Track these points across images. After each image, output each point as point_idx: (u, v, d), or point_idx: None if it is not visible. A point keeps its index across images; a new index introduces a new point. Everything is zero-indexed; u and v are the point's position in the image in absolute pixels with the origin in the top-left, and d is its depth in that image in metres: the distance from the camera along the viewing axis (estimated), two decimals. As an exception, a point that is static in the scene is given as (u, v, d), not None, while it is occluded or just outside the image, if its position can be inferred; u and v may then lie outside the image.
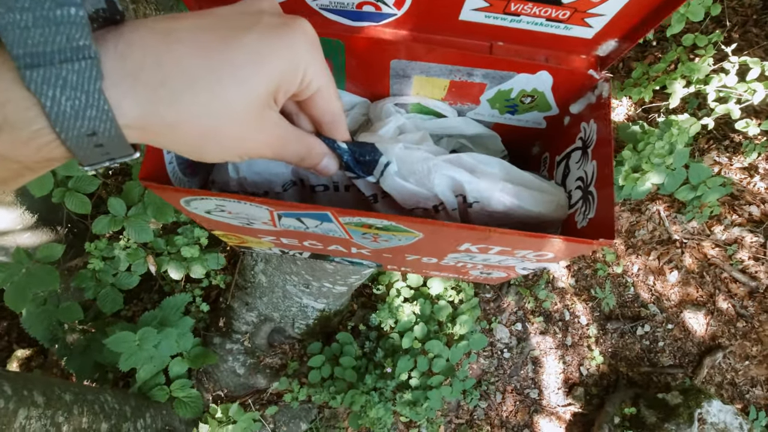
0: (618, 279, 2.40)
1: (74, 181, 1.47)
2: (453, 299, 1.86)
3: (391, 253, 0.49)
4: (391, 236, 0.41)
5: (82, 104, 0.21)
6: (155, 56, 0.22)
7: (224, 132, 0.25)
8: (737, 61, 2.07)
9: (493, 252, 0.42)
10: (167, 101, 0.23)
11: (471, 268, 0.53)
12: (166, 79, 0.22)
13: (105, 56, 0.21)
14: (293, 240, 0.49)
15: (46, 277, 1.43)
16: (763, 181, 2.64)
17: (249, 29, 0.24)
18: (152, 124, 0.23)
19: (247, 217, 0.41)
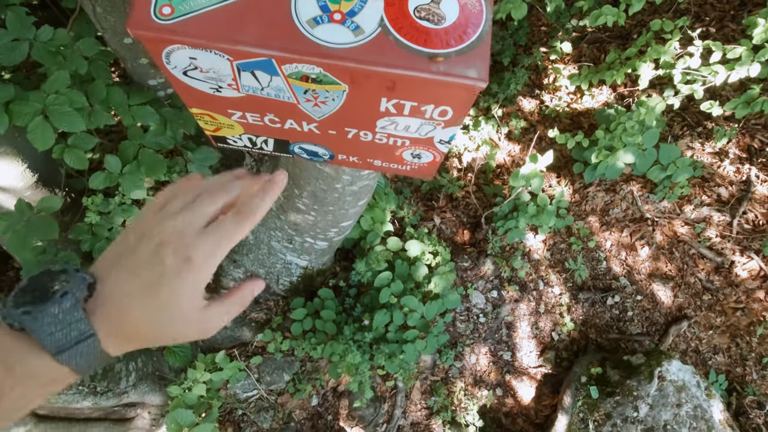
0: (591, 253, 2.52)
1: (73, 138, 1.58)
2: (430, 262, 1.97)
3: (335, 127, 0.60)
4: (325, 92, 0.52)
5: (91, 359, 0.36)
6: (121, 325, 0.37)
7: (171, 341, 0.40)
8: (701, 44, 2.20)
9: (406, 112, 0.54)
10: (133, 345, 0.38)
11: (401, 148, 0.64)
12: (129, 337, 0.37)
13: (98, 329, 0.36)
14: (256, 115, 0.60)
15: (46, 227, 1.54)
16: (732, 164, 2.77)
17: (159, 283, 0.37)
18: (125, 350, 0.39)
19: (215, 78, 0.52)
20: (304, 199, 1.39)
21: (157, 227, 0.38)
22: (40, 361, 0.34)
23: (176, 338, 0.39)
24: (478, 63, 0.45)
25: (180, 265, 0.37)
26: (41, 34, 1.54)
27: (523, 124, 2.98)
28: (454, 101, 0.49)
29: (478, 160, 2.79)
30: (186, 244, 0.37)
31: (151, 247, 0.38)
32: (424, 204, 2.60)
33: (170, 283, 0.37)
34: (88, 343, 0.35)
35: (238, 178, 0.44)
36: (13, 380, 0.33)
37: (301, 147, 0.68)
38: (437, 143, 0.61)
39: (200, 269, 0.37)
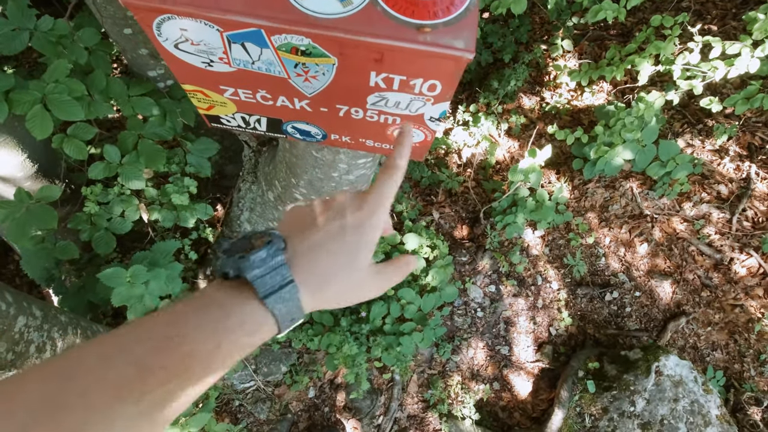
0: (590, 249, 2.52)
1: (73, 129, 1.58)
2: (428, 256, 1.97)
3: (326, 104, 0.61)
4: (315, 66, 0.52)
5: (291, 307, 0.39)
6: (311, 272, 0.41)
7: (355, 297, 0.44)
8: (701, 40, 2.20)
9: (396, 86, 0.54)
10: (323, 298, 0.41)
11: (393, 126, 0.65)
12: (320, 286, 0.41)
13: (296, 276, 0.40)
14: (248, 92, 0.61)
15: (45, 216, 1.54)
16: (732, 162, 2.77)
17: (342, 233, 0.42)
18: (316, 306, 0.41)
19: (206, 51, 0.53)
20: (301, 188, 1.39)
21: (327, 199, 0.46)
22: (249, 307, 0.38)
23: (360, 289, 0.43)
24: (465, 34, 0.46)
25: (357, 217, 0.43)
26: (41, 23, 1.55)
27: (522, 121, 2.98)
28: (442, 74, 0.50)
29: (477, 156, 2.79)
30: (359, 201, 0.44)
31: (330, 208, 0.44)
32: (423, 199, 2.60)
33: (352, 232, 0.42)
34: (288, 289, 0.39)
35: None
36: (228, 325, 0.37)
37: (294, 126, 0.68)
38: (428, 121, 0.61)
39: (372, 220, 0.43)
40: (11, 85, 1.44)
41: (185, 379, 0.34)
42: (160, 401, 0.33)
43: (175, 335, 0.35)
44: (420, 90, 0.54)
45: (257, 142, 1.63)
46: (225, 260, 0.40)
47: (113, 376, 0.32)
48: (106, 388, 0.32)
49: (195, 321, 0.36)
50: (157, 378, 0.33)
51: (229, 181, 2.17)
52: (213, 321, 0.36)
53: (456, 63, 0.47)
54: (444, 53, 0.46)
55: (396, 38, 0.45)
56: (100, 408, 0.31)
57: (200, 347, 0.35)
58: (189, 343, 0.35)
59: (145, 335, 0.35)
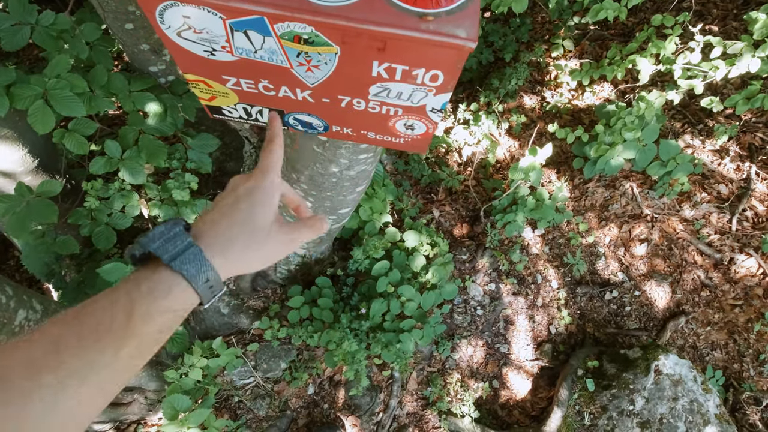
0: (590, 248, 2.52)
1: (74, 124, 1.58)
2: (428, 253, 1.97)
3: (328, 94, 0.61)
4: (317, 55, 0.52)
5: (199, 267, 0.42)
6: (214, 237, 0.45)
7: (265, 256, 0.48)
8: (702, 40, 2.20)
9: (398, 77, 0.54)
10: (232, 258, 0.45)
11: (394, 118, 0.65)
12: (224, 247, 0.45)
13: (198, 242, 0.43)
14: (251, 82, 0.61)
15: (46, 211, 1.54)
16: (732, 162, 2.77)
17: (237, 202, 0.47)
18: (230, 269, 0.45)
19: (209, 39, 0.53)
20: (302, 183, 1.39)
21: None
22: (158, 274, 0.41)
23: (266, 245, 0.47)
24: (467, 23, 0.46)
25: (247, 186, 0.48)
26: (43, 18, 1.55)
27: (523, 120, 2.98)
28: (444, 63, 0.50)
29: (477, 155, 2.79)
30: (248, 175, 0.50)
31: (227, 191, 0.50)
32: (423, 197, 2.60)
33: (244, 199, 0.47)
34: (192, 251, 0.42)
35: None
36: (137, 294, 0.39)
37: (296, 118, 0.68)
38: (429, 112, 0.61)
39: (261, 183, 0.49)
40: (12, 79, 1.44)
41: (101, 348, 0.36)
42: (78, 372, 0.35)
43: (84, 313, 0.37)
44: (422, 80, 0.54)
45: (258, 138, 1.63)
46: (130, 246, 0.44)
47: (30, 353, 0.34)
48: (23, 363, 0.34)
49: (104, 299, 0.39)
50: (70, 349, 0.35)
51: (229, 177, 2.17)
52: (122, 293, 0.39)
53: (458, 52, 0.47)
54: (446, 42, 0.46)
55: (399, 26, 0.45)
56: (17, 382, 0.33)
57: (110, 317, 0.37)
58: (97, 316, 0.37)
59: (59, 319, 0.37)
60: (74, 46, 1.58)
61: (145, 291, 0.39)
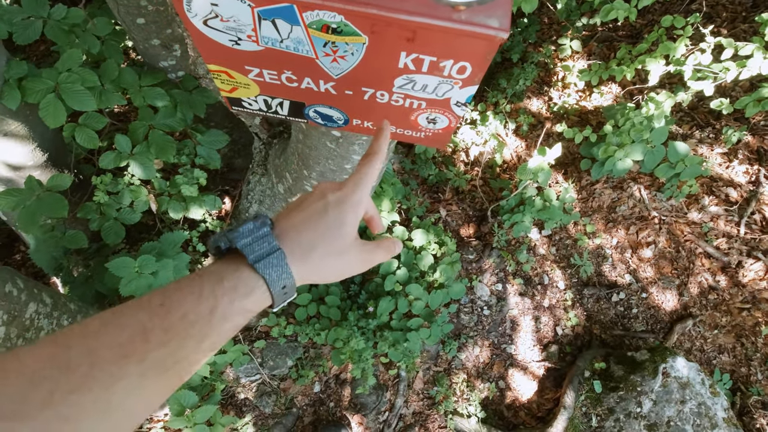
0: (597, 250, 2.51)
1: (84, 118, 1.58)
2: (436, 252, 1.97)
3: (352, 86, 0.60)
4: (345, 45, 0.52)
5: (280, 273, 0.42)
6: (297, 242, 0.44)
7: (341, 269, 0.48)
8: (713, 41, 2.19)
9: (425, 68, 0.54)
10: (310, 266, 0.45)
11: (417, 111, 0.64)
12: (305, 253, 0.44)
13: (283, 246, 0.43)
14: (273, 73, 0.60)
15: (56, 204, 1.54)
16: (741, 165, 2.76)
17: (324, 210, 0.46)
18: (305, 277, 0.45)
19: (235, 28, 0.52)
20: (312, 180, 1.39)
21: (313, 189, 0.50)
22: (241, 272, 0.41)
23: (343, 260, 0.47)
24: (499, 13, 0.45)
25: (337, 196, 0.47)
26: (55, 12, 1.55)
27: (530, 121, 2.97)
28: (473, 55, 0.49)
29: (485, 155, 2.78)
30: (339, 184, 0.49)
31: (316, 195, 0.48)
32: (430, 196, 2.59)
33: (333, 208, 0.47)
34: (276, 255, 0.42)
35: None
36: (221, 289, 0.39)
37: (317, 110, 0.68)
38: (454, 105, 0.61)
39: (351, 197, 0.48)
40: (24, 72, 1.44)
41: (184, 340, 0.36)
42: (162, 362, 0.35)
43: (171, 301, 0.37)
44: (449, 72, 0.53)
45: (268, 134, 1.63)
46: (217, 236, 0.44)
47: (116, 338, 0.34)
48: (111, 347, 0.33)
49: (189, 288, 0.38)
50: (158, 338, 0.35)
51: (238, 174, 2.17)
52: (207, 287, 0.39)
53: (489, 43, 0.47)
54: (478, 32, 0.45)
55: (430, 16, 0.45)
56: (105, 366, 0.32)
57: (195, 310, 0.37)
58: (184, 307, 0.37)
59: (144, 304, 0.37)
60: (85, 40, 1.58)
61: (229, 289, 0.40)
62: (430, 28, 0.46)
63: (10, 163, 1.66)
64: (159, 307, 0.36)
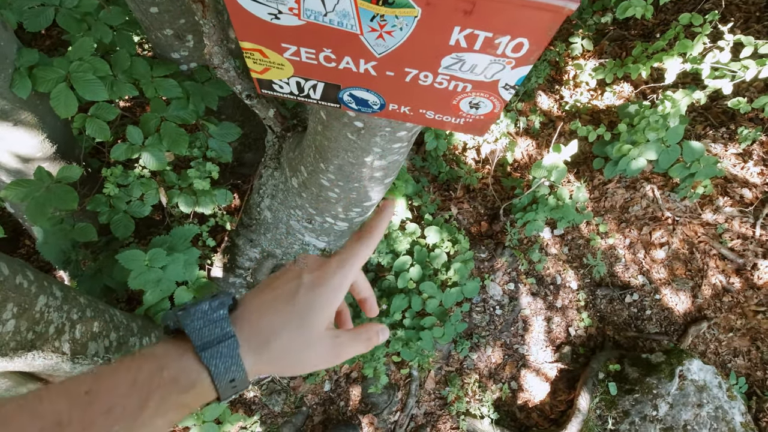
0: (610, 250, 2.47)
1: (95, 108, 1.55)
2: (449, 250, 1.93)
3: (394, 67, 0.57)
4: (394, 18, 0.48)
5: (229, 365, 0.36)
6: (257, 328, 0.39)
7: (304, 362, 0.41)
8: (732, 39, 2.15)
9: (477, 46, 0.50)
10: (267, 358, 0.39)
11: (461, 95, 0.61)
12: (262, 343, 0.39)
13: (237, 333, 0.38)
14: (311, 52, 0.57)
15: (65, 196, 1.51)
16: (756, 166, 2.72)
17: (295, 292, 0.40)
18: (261, 369, 0.39)
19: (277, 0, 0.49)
20: (329, 174, 1.36)
21: (295, 260, 0.45)
22: (185, 362, 0.36)
23: (309, 352, 0.40)
24: (569, -18, 0.42)
25: (315, 277, 0.42)
26: (67, 0, 1.52)
27: (542, 119, 2.94)
28: (534, 30, 0.46)
29: (496, 153, 2.75)
30: (321, 262, 0.43)
31: (292, 272, 0.43)
32: (441, 194, 2.56)
33: (306, 292, 0.41)
34: (228, 344, 0.37)
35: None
36: (159, 380, 0.35)
37: (352, 94, 0.65)
38: (501, 88, 0.57)
39: (331, 280, 0.42)
40: (35, 61, 1.41)
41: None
42: None
43: (99, 389, 0.33)
44: (503, 50, 0.50)
45: (282, 127, 1.59)
46: (167, 312, 0.39)
47: (26, 430, 0.31)
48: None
49: (124, 374, 0.34)
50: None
51: (248, 168, 2.14)
52: (143, 374, 0.35)
53: (555, 15, 0.43)
54: (547, 3, 0.42)
55: (496, -16, 0.42)
56: None
57: (123, 402, 0.33)
58: (111, 398, 0.33)
59: (70, 389, 0.33)
60: (98, 29, 1.55)
61: (168, 380, 0.35)
62: (494, -2, 0.42)
63: (19, 154, 1.63)
64: (83, 396, 0.33)
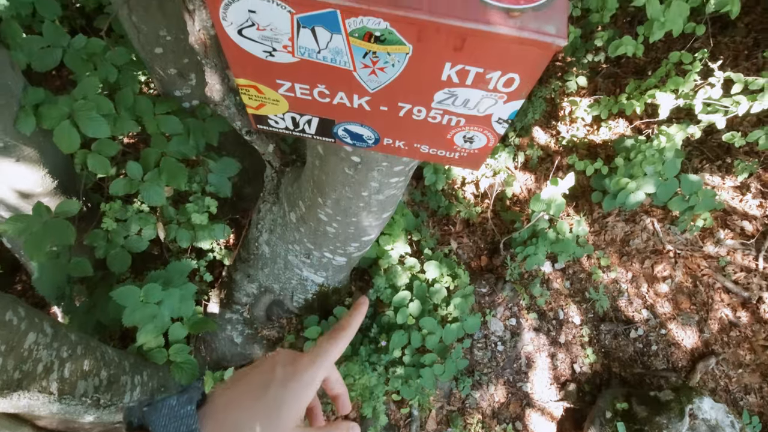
0: (612, 284, 2.44)
1: (98, 144, 1.57)
2: (449, 285, 1.91)
3: (388, 102, 0.58)
4: (386, 55, 0.49)
5: None
6: (222, 425, 0.38)
7: None
8: (722, 76, 2.20)
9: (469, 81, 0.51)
10: None
11: (455, 129, 0.61)
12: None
13: (204, 429, 0.37)
14: (306, 87, 0.58)
15: (63, 231, 1.51)
16: (755, 198, 2.73)
17: (266, 387, 0.39)
18: None
19: (271, 37, 0.50)
20: (327, 208, 1.36)
21: (268, 356, 0.44)
22: None
23: None
24: (556, 18, 0.43)
25: (286, 372, 0.41)
26: (75, 42, 1.57)
27: (539, 154, 2.97)
28: (524, 65, 0.47)
29: (495, 187, 2.76)
30: (293, 357, 0.43)
31: (265, 365, 0.42)
32: (441, 228, 2.56)
33: (277, 387, 0.40)
34: None
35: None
36: None
37: (346, 129, 0.65)
38: (495, 122, 0.58)
39: (302, 376, 0.41)
40: (41, 99, 1.44)
41: None
42: None
43: None
44: (495, 85, 0.50)
45: (281, 162, 1.61)
46: (132, 408, 0.39)
47: None
48: None
49: None
50: None
51: (247, 203, 2.15)
52: None
53: (544, 51, 0.44)
54: (535, 39, 0.43)
55: (484, 21, 0.42)
56: None
57: None
58: None
59: None
60: (103, 68, 1.59)
61: None
62: (483, 35, 0.43)
63: (20, 190, 1.64)
64: None
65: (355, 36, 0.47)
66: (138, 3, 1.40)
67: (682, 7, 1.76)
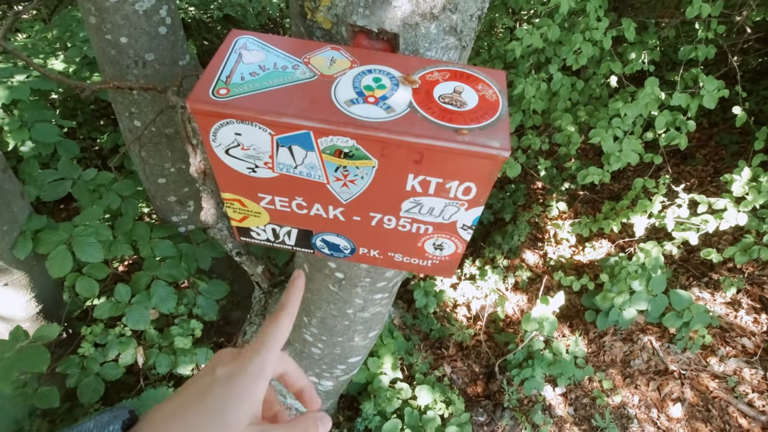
0: (618, 409, 2.29)
1: (89, 268, 1.60)
2: (442, 413, 1.79)
3: (360, 212, 0.62)
4: (355, 169, 0.55)
5: None
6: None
7: None
8: (687, 197, 2.36)
9: (431, 190, 0.56)
10: None
11: (424, 237, 0.65)
12: None
13: None
14: (285, 200, 0.63)
15: (37, 357, 1.45)
16: (748, 314, 2.71)
17: (208, 389, 0.35)
18: None
19: (254, 156, 0.56)
20: (312, 328, 1.34)
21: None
22: None
23: None
24: (500, 135, 0.50)
25: (229, 368, 0.37)
26: (86, 174, 1.70)
27: (528, 275, 3.02)
28: (478, 175, 0.53)
29: (486, 308, 2.74)
30: (236, 352, 0.39)
31: (204, 370, 0.38)
32: (433, 352, 2.47)
33: (220, 385, 0.36)
34: None
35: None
36: None
37: (324, 239, 0.69)
38: (460, 229, 0.62)
39: (248, 368, 0.37)
40: (43, 225, 1.51)
41: None
42: None
43: None
44: (455, 194, 0.56)
45: (269, 283, 1.62)
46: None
47: None
48: None
49: None
50: None
51: (234, 327, 2.10)
52: None
53: (492, 162, 0.51)
54: (482, 152, 0.49)
55: (437, 138, 0.49)
56: None
57: None
58: None
59: None
60: (108, 197, 1.70)
61: None
62: (437, 149, 0.50)
63: (2, 316, 1.61)
64: None
65: (327, 153, 0.53)
66: (149, 140, 1.56)
67: (633, 143, 1.96)
